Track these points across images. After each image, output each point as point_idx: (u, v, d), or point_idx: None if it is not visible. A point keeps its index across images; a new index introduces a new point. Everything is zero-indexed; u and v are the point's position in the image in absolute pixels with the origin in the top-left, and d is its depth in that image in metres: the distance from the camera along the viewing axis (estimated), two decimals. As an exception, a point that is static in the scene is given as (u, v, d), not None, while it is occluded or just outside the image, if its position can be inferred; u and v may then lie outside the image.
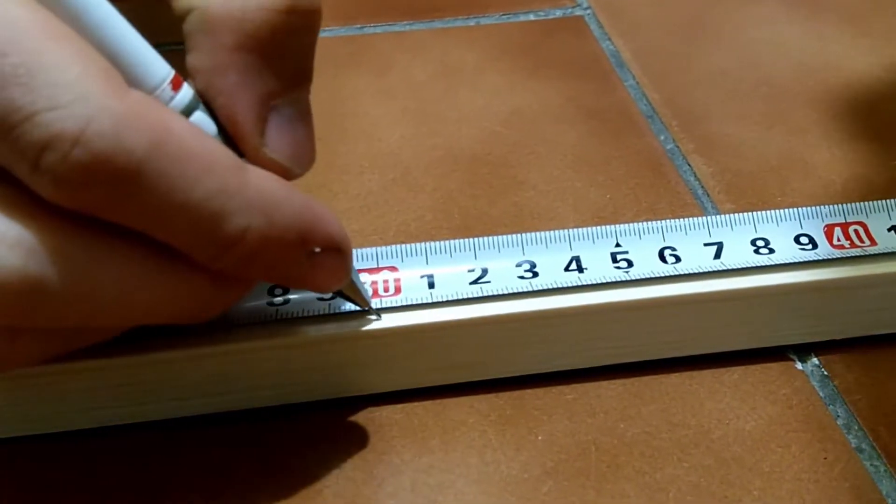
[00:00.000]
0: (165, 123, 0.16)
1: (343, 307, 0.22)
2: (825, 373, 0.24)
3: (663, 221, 0.24)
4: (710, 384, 0.24)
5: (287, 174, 0.19)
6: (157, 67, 0.18)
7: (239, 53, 0.18)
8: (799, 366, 0.25)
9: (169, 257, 0.17)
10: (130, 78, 0.17)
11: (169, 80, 0.18)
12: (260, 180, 0.18)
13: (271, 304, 0.22)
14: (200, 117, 0.18)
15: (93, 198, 0.16)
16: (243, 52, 0.18)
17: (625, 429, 0.23)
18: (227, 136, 0.19)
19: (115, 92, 0.16)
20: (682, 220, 0.24)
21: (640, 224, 0.24)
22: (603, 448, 0.22)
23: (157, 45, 0.18)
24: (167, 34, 0.19)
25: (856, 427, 0.23)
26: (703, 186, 0.30)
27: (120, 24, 0.17)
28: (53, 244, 0.16)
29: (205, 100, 0.18)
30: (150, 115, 0.16)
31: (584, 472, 0.22)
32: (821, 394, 0.24)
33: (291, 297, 0.22)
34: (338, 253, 0.19)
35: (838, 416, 0.23)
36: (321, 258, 0.19)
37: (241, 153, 0.19)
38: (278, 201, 0.18)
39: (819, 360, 0.25)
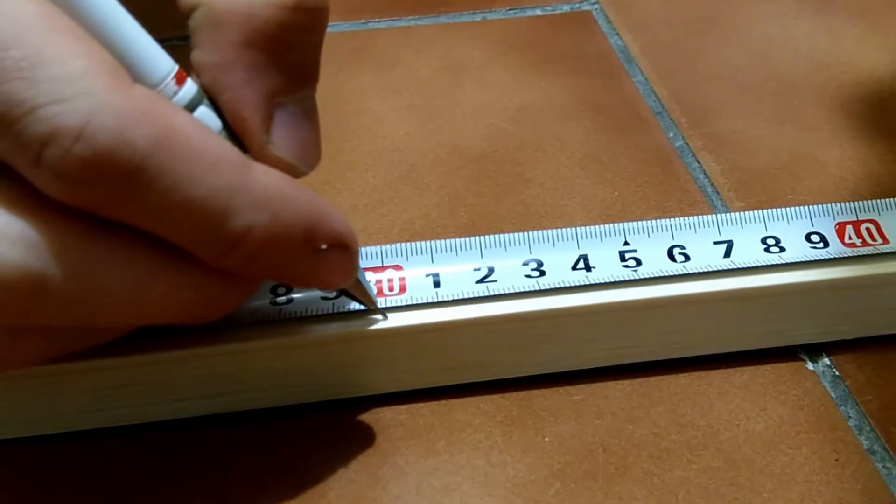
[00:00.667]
0: (170, 120, 0.16)
1: (348, 306, 0.22)
2: (836, 373, 0.24)
3: (672, 219, 0.24)
4: (719, 385, 0.24)
5: (292, 172, 0.19)
6: (161, 62, 0.17)
7: (246, 50, 0.18)
8: (810, 366, 0.24)
9: (173, 256, 0.17)
10: (134, 72, 0.17)
11: (173, 74, 0.18)
12: (265, 177, 0.17)
13: (274, 303, 0.22)
14: (205, 112, 0.18)
15: (95, 194, 0.16)
16: (250, 49, 0.18)
17: (633, 430, 0.23)
18: (232, 132, 0.19)
19: (118, 87, 0.15)
20: (691, 218, 0.24)
21: (649, 222, 0.24)
22: (611, 449, 0.22)
23: (161, 41, 0.18)
24: (171, 29, 0.19)
25: (867, 428, 0.23)
26: (712, 184, 0.30)
27: (124, 18, 0.17)
28: (56, 241, 0.16)
29: (210, 96, 0.18)
30: (154, 111, 0.16)
31: (592, 474, 0.22)
32: (832, 394, 0.24)
33: (295, 296, 0.22)
34: (344, 250, 0.19)
35: (850, 417, 0.23)
36: (327, 255, 0.19)
37: (245, 150, 0.19)
38: (284, 198, 0.17)
39: (830, 360, 0.24)
